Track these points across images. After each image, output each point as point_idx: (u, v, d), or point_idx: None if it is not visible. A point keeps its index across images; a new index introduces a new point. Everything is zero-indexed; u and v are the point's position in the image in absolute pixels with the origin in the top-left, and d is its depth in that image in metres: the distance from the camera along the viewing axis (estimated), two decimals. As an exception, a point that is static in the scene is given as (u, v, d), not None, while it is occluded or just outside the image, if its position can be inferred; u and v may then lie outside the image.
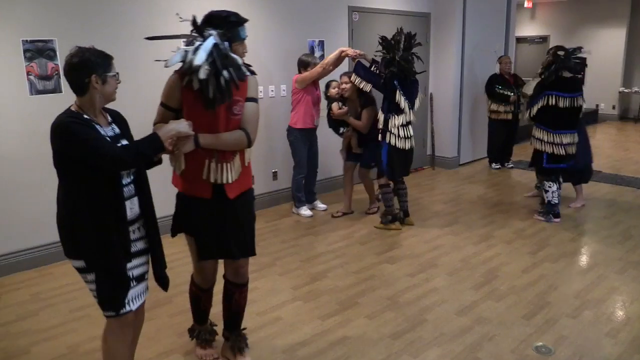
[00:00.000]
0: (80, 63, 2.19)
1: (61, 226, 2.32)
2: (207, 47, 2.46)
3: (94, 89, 2.22)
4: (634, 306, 3.62)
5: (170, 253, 4.55)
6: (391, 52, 4.84)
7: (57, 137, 2.19)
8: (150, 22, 4.70)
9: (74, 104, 2.28)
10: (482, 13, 7.82)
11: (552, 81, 5.10)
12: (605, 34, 12.71)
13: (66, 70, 2.22)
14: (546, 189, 5.36)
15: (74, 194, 2.25)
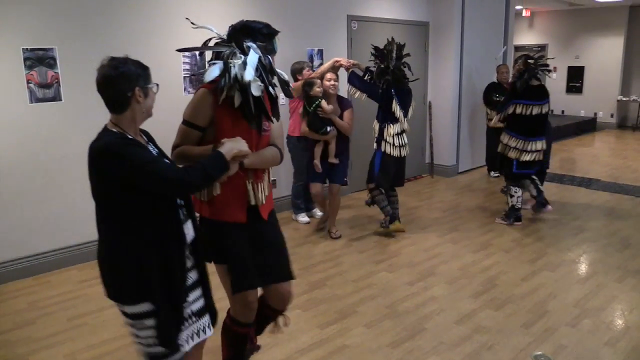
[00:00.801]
0: (122, 75, 1.94)
1: (117, 269, 2.00)
2: (254, 61, 2.26)
3: (137, 104, 1.99)
4: (633, 315, 3.62)
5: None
6: (385, 61, 4.86)
7: (107, 161, 1.89)
8: (151, 31, 4.72)
9: (110, 123, 2.02)
10: (481, 22, 7.87)
11: (522, 90, 5.20)
12: (603, 42, 12.77)
13: (103, 85, 1.96)
14: (512, 193, 5.47)
15: (131, 229, 1.97)
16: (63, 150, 4.38)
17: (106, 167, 1.90)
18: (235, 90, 2.25)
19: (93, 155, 1.92)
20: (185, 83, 5.02)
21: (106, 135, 1.97)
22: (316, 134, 4.85)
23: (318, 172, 4.98)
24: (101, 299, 3.85)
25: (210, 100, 2.31)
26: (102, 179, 1.94)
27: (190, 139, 2.36)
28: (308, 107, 4.82)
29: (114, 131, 1.98)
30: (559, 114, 13.54)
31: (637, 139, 11.49)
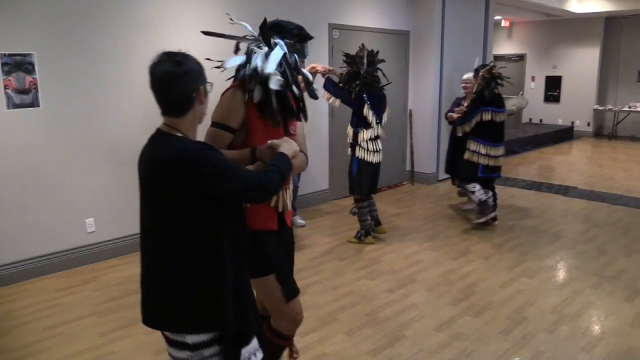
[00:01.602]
0: (187, 73, 1.73)
1: (188, 293, 1.75)
2: (277, 55, 2.17)
3: (199, 105, 1.80)
4: (608, 321, 3.67)
5: (148, 269, 4.52)
6: (355, 66, 4.91)
7: (184, 170, 1.67)
8: (132, 36, 4.69)
9: (166, 127, 1.79)
10: (460, 31, 7.97)
11: (491, 98, 5.39)
12: (579, 53, 13.03)
13: (164, 83, 1.72)
14: (471, 190, 5.61)
15: (206, 244, 1.75)
16: (41, 157, 4.33)
17: (183, 177, 1.67)
18: (255, 84, 2.16)
19: (164, 165, 1.68)
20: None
21: (175, 141, 1.73)
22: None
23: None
24: (78, 308, 3.81)
25: (241, 98, 2.19)
26: (174, 191, 1.70)
27: (221, 143, 2.17)
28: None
29: (179, 136, 1.76)
30: (538, 123, 13.76)
31: (612, 147, 11.72)
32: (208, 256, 1.76)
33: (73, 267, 4.56)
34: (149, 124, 5.01)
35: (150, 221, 1.80)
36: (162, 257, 1.78)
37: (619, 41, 12.78)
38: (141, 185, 1.83)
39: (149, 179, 1.76)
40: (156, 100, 1.78)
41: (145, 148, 1.82)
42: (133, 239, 4.92)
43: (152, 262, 1.82)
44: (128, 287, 4.20)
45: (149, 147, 1.80)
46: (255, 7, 5.61)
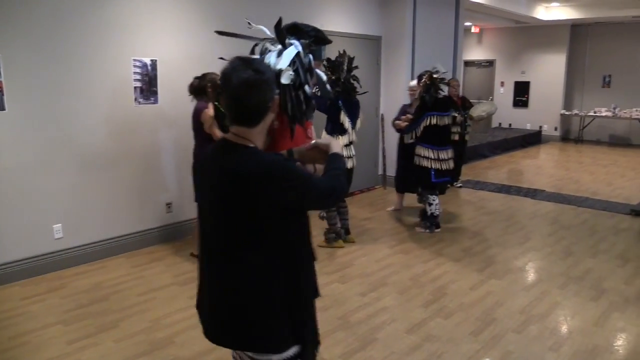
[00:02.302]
0: (267, 82, 1.65)
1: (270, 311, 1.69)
2: (290, 53, 2.16)
3: (271, 115, 1.71)
4: (575, 320, 3.76)
5: (117, 276, 4.46)
6: (337, 73, 4.93)
7: (269, 184, 1.60)
8: (101, 39, 4.62)
9: (236, 137, 1.69)
10: (431, 37, 8.07)
11: (433, 102, 5.48)
12: (547, 59, 13.33)
13: (244, 91, 1.62)
14: (430, 202, 5.70)
15: (286, 259, 1.70)
16: (6, 162, 4.22)
17: (270, 191, 1.60)
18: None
19: (248, 179, 1.60)
20: (136, 93, 4.93)
21: (254, 154, 1.65)
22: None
23: None
24: (45, 316, 3.72)
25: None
26: (257, 205, 1.62)
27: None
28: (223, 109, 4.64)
29: (252, 147, 1.67)
30: (507, 127, 14.01)
31: (578, 151, 12.01)
32: (289, 271, 1.71)
33: (40, 274, 4.45)
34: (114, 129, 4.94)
35: (225, 239, 1.69)
36: (241, 276, 1.68)
37: (585, 48, 13.12)
38: (210, 202, 1.72)
39: (226, 194, 1.65)
40: (227, 108, 1.69)
41: (211, 161, 1.72)
42: (102, 245, 4.84)
43: (227, 283, 1.70)
44: (97, 294, 4.12)
45: (218, 159, 1.69)
46: (226, 11, 5.59)
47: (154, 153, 5.16)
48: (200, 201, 1.83)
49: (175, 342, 3.41)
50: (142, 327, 3.60)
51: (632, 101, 12.32)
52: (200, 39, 5.39)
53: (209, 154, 1.77)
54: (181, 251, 5.06)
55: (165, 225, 5.34)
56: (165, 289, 4.22)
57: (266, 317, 1.69)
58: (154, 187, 5.21)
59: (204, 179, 1.77)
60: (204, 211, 1.79)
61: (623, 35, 12.51)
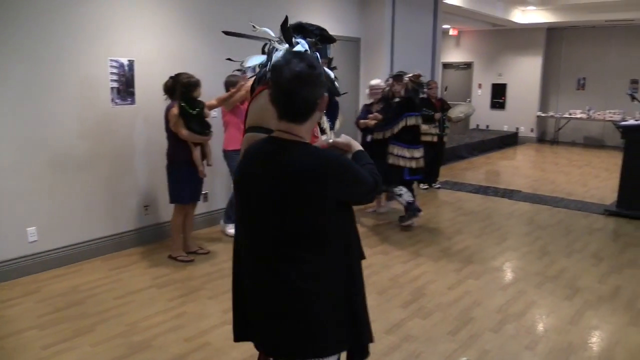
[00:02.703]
0: (319, 76, 1.62)
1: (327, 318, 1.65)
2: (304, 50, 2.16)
3: (319, 113, 1.69)
4: (550, 318, 3.82)
5: (94, 279, 4.40)
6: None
7: (333, 178, 1.59)
8: (76, 39, 4.55)
9: (285, 134, 1.65)
10: (410, 39, 8.14)
11: (411, 104, 5.68)
12: (523, 61, 13.54)
13: (296, 86, 1.59)
14: (399, 192, 5.82)
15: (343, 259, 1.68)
16: (-23, 164, 4.14)
17: (332, 186, 1.58)
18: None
19: (309, 175, 1.57)
20: (113, 94, 4.87)
21: (311, 149, 1.63)
22: (200, 137, 4.65)
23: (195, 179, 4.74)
24: (19, 321, 3.65)
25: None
26: (318, 202, 1.59)
27: None
28: (190, 109, 4.55)
29: (305, 143, 1.65)
30: (484, 129, 14.19)
31: (554, 152, 12.22)
32: (346, 268, 1.69)
33: (14, 278, 4.36)
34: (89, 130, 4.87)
35: (283, 241, 1.62)
36: (304, 278, 1.62)
37: (560, 51, 13.35)
38: (262, 205, 1.65)
39: (283, 193, 1.60)
40: (276, 102, 1.64)
41: (262, 162, 1.65)
42: (78, 248, 4.76)
43: (289, 286, 1.63)
44: (73, 297, 4.06)
45: (271, 158, 1.63)
46: (205, 11, 5.56)
47: (131, 154, 5.10)
48: (245, 209, 1.73)
49: (153, 345, 3.38)
50: (119, 330, 3.56)
51: (606, 103, 12.57)
52: (179, 40, 5.35)
53: (255, 156, 1.70)
54: (159, 253, 5.02)
55: (142, 228, 5.28)
56: (143, 292, 4.18)
57: (331, 318, 1.65)
58: (131, 188, 5.16)
59: (251, 182, 1.69)
60: (250, 218, 1.70)
61: (597, 39, 12.77)
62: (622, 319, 3.83)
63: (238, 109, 5.29)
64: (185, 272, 4.60)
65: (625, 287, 4.39)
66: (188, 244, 5.00)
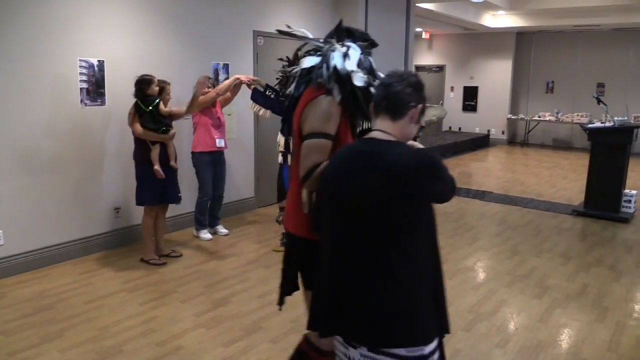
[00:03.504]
0: (421, 86, 1.84)
1: (424, 306, 1.75)
2: (356, 55, 2.19)
3: (412, 118, 1.82)
4: (520, 317, 3.88)
5: (63, 283, 4.31)
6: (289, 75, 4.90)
7: (427, 175, 1.71)
8: (46, 38, 4.46)
9: (383, 134, 1.81)
10: (383, 42, 8.13)
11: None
12: (494, 65, 13.77)
13: (394, 80, 1.80)
14: None
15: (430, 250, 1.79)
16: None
17: (422, 182, 1.69)
18: (333, 82, 2.14)
19: (409, 171, 1.67)
20: (82, 94, 4.78)
21: (405, 148, 1.75)
22: (154, 134, 4.57)
23: (160, 179, 4.63)
24: (-16, 327, 3.55)
25: (336, 104, 2.15)
26: (412, 197, 1.69)
27: (326, 153, 2.09)
28: (144, 106, 4.50)
29: (402, 142, 1.80)
30: (457, 131, 14.38)
31: (524, 154, 12.45)
32: (433, 260, 1.80)
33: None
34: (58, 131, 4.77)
35: (383, 234, 1.71)
36: (400, 270, 1.70)
37: (529, 55, 13.62)
38: (358, 203, 1.73)
39: (380, 189, 1.68)
40: (376, 101, 1.83)
41: (359, 159, 1.75)
42: (46, 252, 4.66)
43: (386, 279, 1.71)
44: (41, 303, 3.97)
45: (368, 157, 1.74)
46: (175, 12, 5.51)
47: (101, 156, 5.02)
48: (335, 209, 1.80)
49: (124, 350, 3.32)
50: (89, 335, 3.49)
51: (574, 106, 12.88)
52: (150, 40, 5.29)
53: (352, 156, 1.79)
54: (131, 257, 4.94)
55: (113, 231, 5.20)
56: (113, 296, 4.11)
57: (425, 308, 1.75)
58: (102, 191, 5.07)
59: (350, 181, 1.76)
60: (350, 215, 1.76)
61: (565, 44, 13.07)
62: (589, 316, 3.92)
63: (209, 110, 5.25)
64: (158, 276, 4.54)
65: (592, 285, 4.50)
66: (160, 247, 4.94)
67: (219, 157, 5.45)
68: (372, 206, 1.70)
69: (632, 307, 4.14)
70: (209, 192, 5.42)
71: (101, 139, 4.99)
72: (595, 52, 12.75)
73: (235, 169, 6.39)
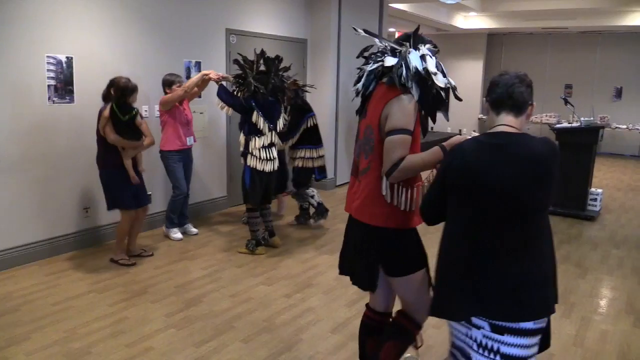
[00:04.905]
0: (531, 85, 2.11)
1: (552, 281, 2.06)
2: (433, 58, 2.39)
3: (528, 115, 2.08)
4: (489, 314, 3.95)
5: (29, 285, 4.22)
6: (243, 71, 4.85)
7: (557, 160, 1.97)
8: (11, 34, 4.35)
9: (510, 127, 2.00)
10: (356, 41, 8.17)
11: (306, 105, 5.81)
12: (465, 65, 13.96)
13: (517, 81, 2.04)
14: (311, 194, 5.95)
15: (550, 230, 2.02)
16: None
17: (555, 166, 1.94)
18: (413, 82, 2.33)
19: (547, 158, 1.92)
20: (50, 92, 4.68)
21: (537, 138, 1.99)
22: (127, 142, 4.48)
23: (135, 185, 4.60)
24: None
25: (415, 102, 2.34)
26: (549, 180, 1.92)
27: (409, 147, 2.31)
28: (121, 115, 4.37)
29: (527, 133, 2.00)
30: (429, 131, 14.50)
31: (495, 153, 12.63)
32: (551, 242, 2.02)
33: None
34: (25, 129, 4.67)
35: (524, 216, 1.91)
36: (539, 246, 1.95)
37: (500, 56, 13.86)
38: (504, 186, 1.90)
39: (525, 174, 1.89)
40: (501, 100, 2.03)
41: (494, 151, 1.93)
42: (11, 253, 4.55)
43: (521, 255, 1.92)
44: (5, 305, 3.87)
45: (504, 147, 1.93)
46: (146, 9, 5.44)
47: (70, 154, 4.91)
48: (474, 197, 1.95)
49: (93, 352, 3.27)
50: (56, 338, 3.43)
51: (542, 107, 13.12)
52: (120, 37, 5.21)
53: (484, 149, 1.95)
54: (100, 257, 4.86)
55: (82, 231, 5.10)
56: (82, 297, 4.04)
57: (553, 280, 2.04)
58: (70, 190, 4.97)
59: (487, 171, 1.91)
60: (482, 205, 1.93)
61: (534, 46, 13.33)
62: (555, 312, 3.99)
63: (177, 109, 5.20)
64: (128, 276, 4.48)
65: (559, 282, 4.55)
66: (132, 247, 4.88)
67: (186, 154, 5.40)
68: (514, 190, 1.89)
69: (597, 302, 4.25)
70: (183, 190, 5.36)
71: (70, 137, 4.89)
72: (563, 54, 13.03)
73: (208, 168, 6.34)
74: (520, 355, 1.94)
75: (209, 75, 5.02)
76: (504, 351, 1.93)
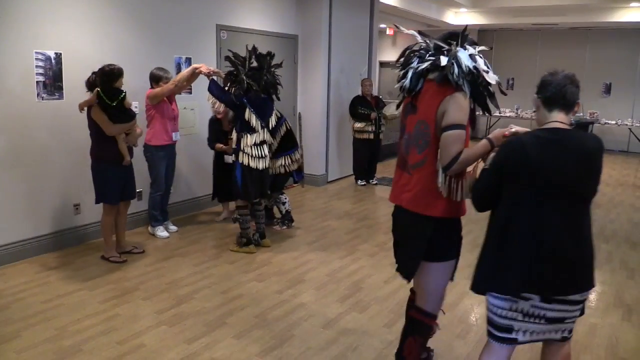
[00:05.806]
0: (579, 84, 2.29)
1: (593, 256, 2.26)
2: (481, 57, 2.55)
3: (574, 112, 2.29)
4: (480, 308, 3.98)
5: (19, 283, 4.19)
6: (235, 67, 4.83)
7: (602, 156, 2.21)
8: (-5, 31, 4.32)
9: (562, 124, 2.21)
10: (347, 37, 8.23)
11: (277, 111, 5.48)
12: (456, 61, 13.96)
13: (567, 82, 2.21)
14: (284, 200, 5.85)
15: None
16: None
17: (602, 158, 2.20)
18: (464, 79, 2.47)
19: (597, 152, 2.17)
20: (39, 88, 4.64)
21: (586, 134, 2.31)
22: (123, 125, 4.49)
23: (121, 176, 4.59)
24: None
25: (467, 99, 2.49)
26: (598, 170, 2.19)
27: (464, 142, 2.47)
28: (109, 100, 4.33)
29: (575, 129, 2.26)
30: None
31: (486, 149, 12.68)
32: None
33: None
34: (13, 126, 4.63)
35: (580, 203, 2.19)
36: (588, 227, 2.21)
37: (490, 52, 13.87)
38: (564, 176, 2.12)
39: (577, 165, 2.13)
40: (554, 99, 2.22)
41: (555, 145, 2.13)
42: (0, 251, 4.52)
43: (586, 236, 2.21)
44: (-5, 302, 3.85)
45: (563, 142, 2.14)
46: (135, 5, 5.41)
47: (59, 151, 4.88)
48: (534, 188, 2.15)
49: (84, 349, 3.26)
50: (47, 335, 3.41)
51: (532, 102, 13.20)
52: (109, 33, 5.17)
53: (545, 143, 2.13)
54: (91, 255, 4.84)
55: (73, 228, 5.07)
56: (73, 295, 4.02)
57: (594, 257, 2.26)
58: (60, 187, 4.94)
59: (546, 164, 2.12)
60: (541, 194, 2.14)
61: (525, 42, 13.38)
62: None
63: (165, 104, 5.17)
64: (119, 273, 4.46)
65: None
66: (122, 244, 4.86)
67: (171, 150, 5.37)
68: (571, 181, 2.13)
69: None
70: (162, 187, 5.33)
71: (59, 133, 4.85)
72: (553, 50, 13.09)
73: (197, 165, 6.32)
74: (564, 317, 2.24)
75: (200, 69, 4.98)
76: (550, 315, 2.22)
